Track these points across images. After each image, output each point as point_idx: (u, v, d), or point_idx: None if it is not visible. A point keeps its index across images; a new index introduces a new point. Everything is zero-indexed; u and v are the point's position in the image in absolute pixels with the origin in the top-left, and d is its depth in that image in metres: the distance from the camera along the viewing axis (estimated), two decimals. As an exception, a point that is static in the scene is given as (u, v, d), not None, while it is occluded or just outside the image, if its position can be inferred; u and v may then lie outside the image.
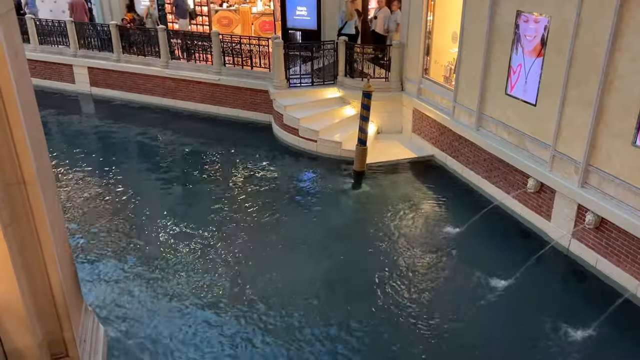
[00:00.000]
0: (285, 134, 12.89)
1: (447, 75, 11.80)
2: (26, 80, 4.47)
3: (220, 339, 6.76)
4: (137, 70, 15.54)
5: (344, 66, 13.15)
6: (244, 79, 14.08)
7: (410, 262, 8.41)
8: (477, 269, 8.17)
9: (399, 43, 12.59)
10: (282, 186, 11.33)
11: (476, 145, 10.36)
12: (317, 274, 8.09)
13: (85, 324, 5.48)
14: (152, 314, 7.19)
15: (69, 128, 14.86)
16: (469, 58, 10.32)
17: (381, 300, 7.50)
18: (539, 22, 8.56)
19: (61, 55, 16.67)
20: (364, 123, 11.14)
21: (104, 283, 7.85)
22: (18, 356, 4.28)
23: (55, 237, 4.64)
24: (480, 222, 9.20)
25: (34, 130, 4.49)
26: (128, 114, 15.30)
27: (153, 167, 12.21)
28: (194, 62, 14.87)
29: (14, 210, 4.18)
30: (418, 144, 12.52)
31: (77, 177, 11.46)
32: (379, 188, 11.01)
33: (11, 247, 4.07)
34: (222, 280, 7.92)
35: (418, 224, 9.57)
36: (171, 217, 9.67)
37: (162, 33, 14.81)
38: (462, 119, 10.82)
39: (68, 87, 16.96)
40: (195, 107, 15.07)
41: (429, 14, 11.72)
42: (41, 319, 4.59)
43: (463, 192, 10.66)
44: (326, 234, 9.26)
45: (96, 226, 9.42)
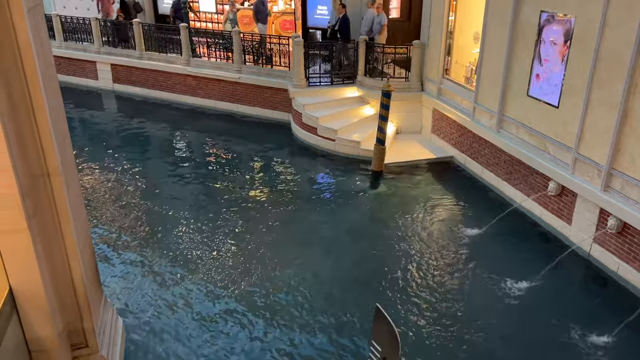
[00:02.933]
0: (303, 133, 12.91)
1: (468, 76, 11.69)
2: (52, 73, 4.57)
3: (236, 330, 6.80)
4: (159, 68, 15.71)
5: (363, 65, 13.12)
6: (264, 77, 14.14)
7: (427, 263, 8.36)
8: (496, 272, 8.07)
9: (419, 42, 12.51)
10: (300, 184, 11.35)
11: (496, 146, 10.24)
12: (333, 272, 8.07)
13: (105, 315, 5.57)
14: (166, 307, 7.24)
15: (92, 123, 15.11)
16: (491, 58, 10.22)
17: (397, 300, 7.46)
18: (563, 22, 8.44)
19: (85, 52, 16.94)
20: (383, 123, 11.10)
21: (121, 275, 7.94)
22: (39, 344, 4.38)
23: (77, 229, 4.73)
24: (499, 224, 9.09)
25: (59, 123, 4.59)
26: (149, 111, 15.48)
27: (172, 162, 12.34)
28: (215, 60, 14.98)
29: (38, 202, 4.27)
30: (437, 144, 12.43)
31: (98, 171, 11.63)
32: (397, 188, 10.96)
33: (34, 238, 4.17)
34: (237, 275, 7.95)
35: (436, 225, 9.51)
36: (189, 213, 9.75)
37: (184, 31, 14.95)
38: (482, 120, 10.71)
39: (91, 84, 17.23)
40: (215, 105, 15.19)
41: (450, 14, 11.63)
42: (62, 310, 4.68)
43: (482, 194, 10.55)
44: (343, 233, 9.25)
45: (116, 219, 9.54)
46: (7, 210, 3.91)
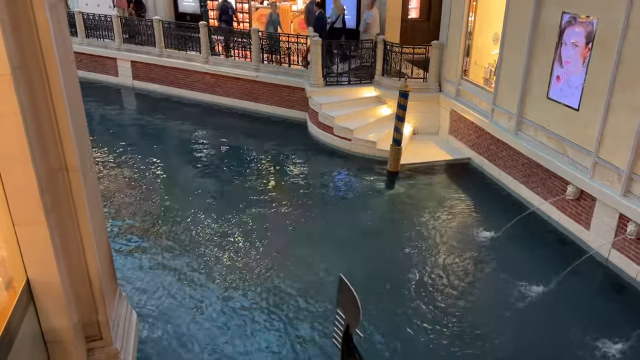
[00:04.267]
0: (319, 132, 12.92)
1: (487, 77, 11.57)
2: (72, 69, 4.64)
3: (248, 325, 6.83)
4: (178, 65, 15.85)
5: (381, 65, 13.08)
6: (281, 76, 14.18)
7: (442, 265, 8.30)
8: (511, 275, 7.99)
9: (438, 43, 12.43)
10: (315, 184, 11.36)
11: (514, 149, 10.13)
12: (347, 273, 8.01)
13: (119, 309, 5.65)
14: (179, 302, 7.30)
15: (111, 119, 15.32)
16: (510, 60, 10.10)
17: (410, 302, 7.43)
18: (585, 23, 8.31)
19: (106, 48, 17.17)
20: (400, 123, 11.06)
21: (135, 269, 8.03)
22: (54, 335, 4.45)
23: (93, 223, 4.80)
24: (515, 228, 8.99)
25: (78, 119, 4.66)
26: (168, 108, 15.64)
27: (190, 159, 12.45)
28: (233, 58, 15.06)
29: (56, 196, 4.35)
30: (454, 146, 12.34)
31: (115, 166, 11.79)
32: (412, 189, 10.91)
33: (52, 231, 4.23)
34: (249, 271, 7.99)
35: (451, 227, 9.44)
36: (203, 209, 9.82)
37: (203, 29, 15.06)
38: (501, 122, 10.60)
39: (111, 80, 17.46)
40: (232, 103, 15.28)
41: (470, 15, 11.53)
42: (77, 302, 4.76)
43: (499, 196, 10.44)
44: (357, 233, 9.23)
45: (131, 213, 9.66)
46: (26, 203, 3.98)
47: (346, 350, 4.79)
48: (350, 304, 4.58)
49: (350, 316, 4.62)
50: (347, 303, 4.63)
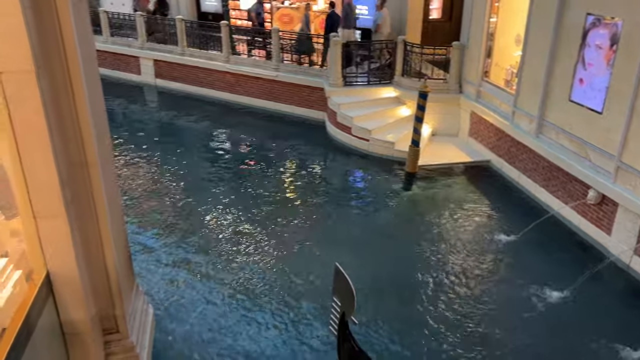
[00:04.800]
0: (338, 132, 12.92)
1: (508, 79, 11.44)
2: (93, 66, 4.73)
3: (257, 328, 6.87)
4: (200, 64, 16.01)
5: (401, 66, 13.03)
6: (301, 75, 14.22)
7: (458, 267, 8.23)
8: (529, 279, 7.89)
9: (459, 44, 12.33)
10: (332, 183, 11.37)
11: (535, 152, 9.99)
12: (361, 272, 8.00)
13: (136, 303, 5.74)
14: (192, 298, 7.38)
15: (133, 116, 15.57)
16: (532, 61, 9.97)
17: (425, 304, 7.39)
18: (610, 25, 8.15)
19: (129, 47, 17.43)
20: (418, 124, 11.00)
21: (152, 264, 8.14)
22: (72, 327, 4.54)
23: (112, 218, 4.89)
24: (534, 232, 8.86)
25: (98, 115, 4.74)
26: (189, 106, 15.80)
27: (208, 157, 12.58)
28: (254, 58, 15.16)
29: (76, 190, 4.43)
30: (474, 148, 12.22)
31: (136, 162, 11.98)
32: (430, 190, 10.84)
33: (71, 225, 4.32)
34: (264, 269, 8.04)
35: (469, 229, 9.35)
36: (220, 206, 9.91)
37: (224, 29, 15.19)
38: (521, 124, 10.47)
39: (134, 78, 17.70)
40: (252, 102, 15.37)
41: (492, 16, 11.41)
42: (95, 295, 4.84)
43: (518, 199, 10.32)
44: (373, 233, 9.21)
45: (150, 209, 9.80)
46: (47, 197, 4.07)
47: (342, 337, 4.92)
48: (345, 292, 4.69)
49: (346, 304, 4.73)
50: (343, 291, 4.74)
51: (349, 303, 4.65)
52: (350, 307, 4.66)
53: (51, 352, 4.47)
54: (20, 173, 3.95)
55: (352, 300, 4.59)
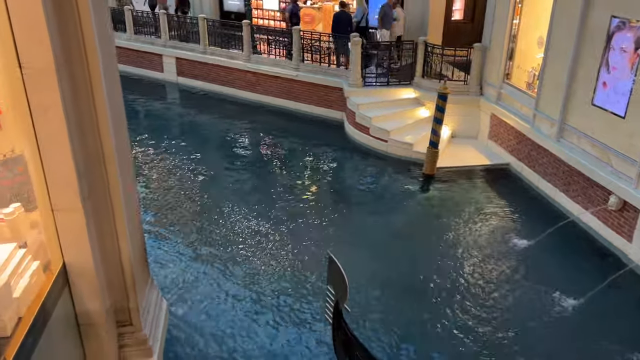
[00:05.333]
0: (356, 132, 12.91)
1: (530, 82, 11.29)
2: (113, 63, 4.82)
3: (267, 325, 6.92)
4: (221, 63, 16.16)
5: (421, 67, 12.96)
6: (320, 75, 14.25)
7: (472, 271, 8.16)
8: (545, 285, 7.78)
9: (481, 45, 12.21)
10: (349, 183, 11.37)
11: (555, 156, 9.85)
12: (376, 273, 8.04)
13: (150, 296, 5.83)
14: (206, 294, 7.46)
15: (155, 113, 15.80)
16: (555, 64, 9.83)
17: (438, 307, 7.34)
18: (635, 28, 7.99)
19: (152, 45, 17.68)
20: (437, 125, 10.92)
21: (169, 259, 8.26)
22: (87, 318, 4.64)
23: (128, 212, 4.98)
24: (552, 237, 8.73)
25: (117, 111, 4.84)
26: (209, 104, 15.98)
27: (227, 155, 12.71)
28: (274, 57, 15.24)
29: (93, 184, 4.53)
30: (494, 150, 12.09)
31: (156, 158, 12.17)
32: (447, 193, 10.76)
33: (88, 217, 4.41)
34: (279, 268, 8.08)
35: (485, 233, 9.26)
36: (237, 204, 9.98)
37: (246, 28, 15.31)
38: (542, 128, 10.32)
39: (157, 76, 17.96)
40: (272, 101, 15.44)
41: (514, 17, 11.28)
42: (110, 288, 4.94)
43: (537, 204, 10.17)
44: (389, 235, 9.19)
45: (168, 204, 9.95)
46: (64, 190, 4.17)
47: (337, 324, 5.06)
48: (338, 281, 4.80)
49: (339, 292, 4.85)
50: (336, 280, 4.85)
51: (342, 291, 4.79)
52: (343, 296, 4.80)
53: (66, 341, 4.58)
54: (39, 166, 4.05)
55: (345, 289, 4.73)
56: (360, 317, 7.05)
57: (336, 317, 5.02)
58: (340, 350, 5.22)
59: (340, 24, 13.88)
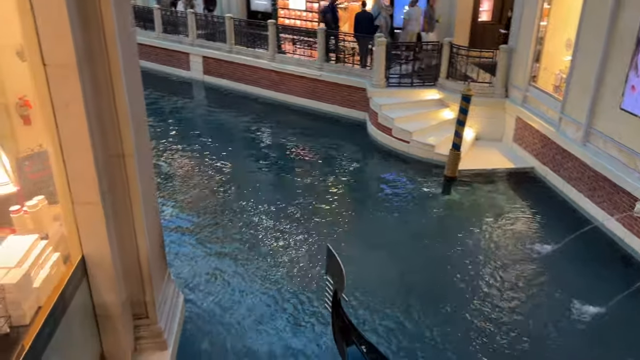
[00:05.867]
0: (378, 133, 12.87)
1: (557, 85, 11.08)
2: (134, 62, 4.93)
3: (284, 322, 6.96)
4: (246, 62, 16.30)
5: (446, 68, 12.84)
6: (344, 75, 14.25)
7: (492, 275, 8.05)
8: (566, 291, 7.63)
9: (507, 47, 12.03)
10: (369, 184, 11.35)
11: (581, 160, 9.64)
12: (394, 275, 8.01)
13: (167, 291, 5.94)
14: (222, 289, 7.54)
15: (181, 111, 16.06)
16: (582, 67, 9.62)
17: (456, 311, 7.27)
18: (666, 31, 7.77)
19: (180, 43, 17.96)
20: (460, 127, 10.81)
21: (188, 253, 8.39)
22: (104, 309, 4.76)
23: (146, 208, 5.08)
24: (576, 243, 8.56)
25: (137, 109, 4.94)
26: (234, 103, 16.14)
27: (249, 153, 12.81)
28: (299, 57, 15.30)
29: (112, 179, 4.64)
30: (518, 154, 11.90)
31: (180, 154, 12.37)
32: (469, 196, 10.64)
33: (107, 212, 4.53)
34: (296, 266, 8.12)
35: (507, 237, 9.12)
36: (258, 201, 10.06)
37: (271, 27, 15.41)
38: (568, 131, 10.12)
39: (184, 74, 18.22)
40: (295, 101, 15.51)
41: (542, 19, 11.08)
42: (127, 281, 5.05)
43: (561, 209, 9.98)
44: (408, 237, 9.14)
45: (190, 200, 10.10)
46: (85, 184, 4.29)
47: (335, 312, 5.22)
48: (337, 272, 4.97)
49: (338, 282, 5.02)
50: (335, 271, 5.02)
51: (340, 282, 4.97)
52: (341, 286, 4.98)
53: (84, 331, 4.71)
54: (61, 161, 4.17)
55: (343, 280, 4.93)
56: (377, 318, 7.04)
57: (335, 306, 5.19)
58: (338, 336, 5.42)
59: (361, 23, 13.86)
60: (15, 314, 3.94)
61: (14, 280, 3.96)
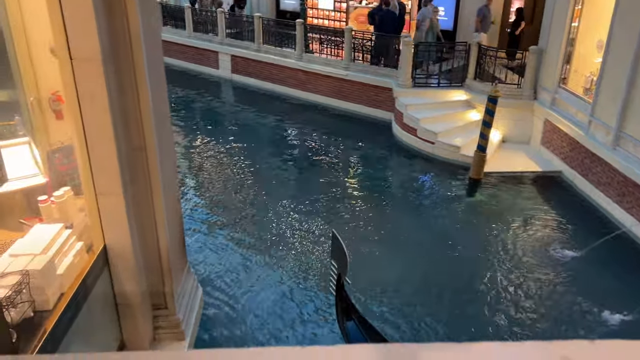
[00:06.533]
0: (403, 133, 12.81)
1: (587, 87, 10.82)
2: (158, 58, 5.05)
3: (300, 317, 7.01)
4: (273, 61, 16.42)
5: (474, 69, 12.69)
6: (370, 75, 14.23)
7: (516, 279, 7.93)
8: (590, 298, 7.45)
9: (536, 48, 11.81)
10: (393, 184, 11.31)
11: (610, 165, 9.40)
12: (414, 276, 7.98)
13: (186, 283, 6.05)
14: (242, 283, 7.64)
15: (209, 108, 16.32)
16: (614, 69, 9.38)
17: (475, 315, 7.19)
18: (702, 32, 7.52)
19: (210, 42, 18.22)
20: (486, 129, 10.67)
21: (209, 247, 8.52)
22: (124, 298, 4.89)
23: (167, 200, 5.20)
24: (603, 249, 8.35)
25: (160, 104, 5.06)
26: (260, 101, 16.30)
27: (274, 151, 12.94)
28: (326, 56, 15.35)
29: (134, 172, 4.77)
30: (546, 157, 11.68)
31: (206, 150, 12.56)
32: (494, 199, 10.50)
33: (128, 203, 4.65)
34: (319, 265, 8.16)
35: (531, 242, 8.97)
36: (281, 198, 10.15)
37: (299, 27, 15.50)
38: (597, 135, 9.88)
39: (213, 72, 18.47)
40: (321, 100, 15.55)
41: (573, 21, 10.85)
42: (147, 271, 5.18)
43: (589, 214, 9.75)
44: (430, 238, 9.08)
45: (213, 195, 10.26)
46: (107, 176, 4.42)
47: (339, 296, 5.43)
48: (341, 256, 5.13)
49: (342, 267, 5.19)
50: (339, 256, 5.18)
51: (344, 266, 5.15)
52: (344, 269, 5.16)
53: (104, 318, 4.85)
54: (85, 152, 4.31)
55: (346, 264, 5.11)
56: (399, 317, 7.02)
57: (338, 288, 5.39)
58: (341, 317, 5.63)
59: (384, 22, 13.81)
60: (39, 299, 4.09)
61: (38, 266, 4.11)
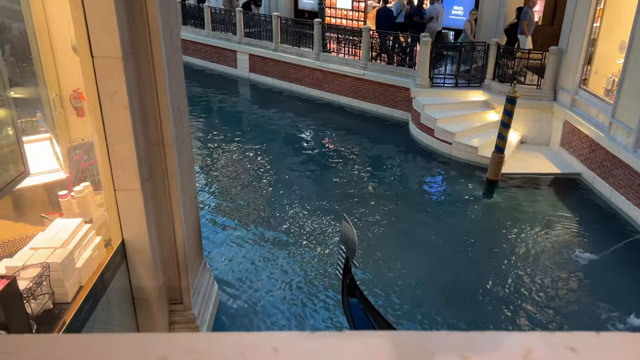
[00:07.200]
0: (420, 133, 12.76)
1: (608, 88, 10.65)
2: (177, 56, 5.12)
3: (311, 315, 7.04)
4: (291, 60, 16.48)
5: (493, 69, 12.59)
6: (387, 75, 14.19)
7: (532, 284, 7.84)
8: (609, 303, 7.34)
9: (557, 49, 11.67)
10: (409, 184, 11.27)
11: (631, 167, 9.25)
12: (429, 276, 7.94)
13: (202, 279, 6.12)
14: (258, 280, 7.69)
15: (227, 106, 16.45)
16: (636, 69, 9.22)
17: (491, 314, 7.15)
18: None
19: (228, 41, 18.35)
20: (504, 130, 10.57)
21: (222, 243, 8.59)
22: (141, 292, 4.97)
23: (184, 196, 5.27)
24: (621, 253, 8.24)
25: (178, 101, 5.13)
26: (277, 100, 16.38)
27: (290, 150, 12.97)
28: (343, 56, 15.36)
29: (152, 168, 4.85)
30: (565, 159, 11.53)
31: (223, 148, 12.66)
32: (511, 200, 10.40)
33: (146, 199, 4.73)
34: (327, 262, 8.18)
35: (549, 245, 8.87)
36: (295, 196, 10.18)
37: (317, 26, 15.52)
38: (618, 137, 9.73)
39: (231, 71, 18.63)
40: (338, 100, 15.57)
41: (595, 21, 10.69)
42: (164, 266, 5.26)
43: (608, 217, 9.60)
44: (445, 239, 9.03)
45: (229, 192, 10.35)
46: (126, 172, 4.50)
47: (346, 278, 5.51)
48: (350, 240, 5.23)
49: (350, 250, 5.27)
50: (348, 239, 5.27)
51: (352, 250, 5.25)
52: (352, 254, 5.27)
53: (121, 312, 4.93)
54: (105, 148, 4.39)
55: (355, 248, 5.21)
56: (412, 317, 7.01)
57: (346, 272, 5.49)
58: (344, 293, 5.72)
59: (382, 20, 13.82)
60: (59, 291, 4.18)
61: (58, 259, 4.20)
